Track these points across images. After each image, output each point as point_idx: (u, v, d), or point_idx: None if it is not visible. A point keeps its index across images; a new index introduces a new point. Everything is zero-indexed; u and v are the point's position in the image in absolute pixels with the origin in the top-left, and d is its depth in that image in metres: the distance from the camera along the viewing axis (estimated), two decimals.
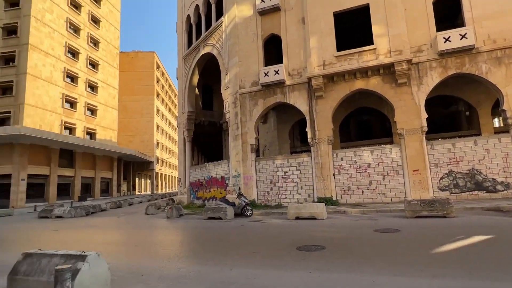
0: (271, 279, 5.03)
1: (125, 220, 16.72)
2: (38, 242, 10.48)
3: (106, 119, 47.96)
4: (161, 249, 8.14)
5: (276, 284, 4.77)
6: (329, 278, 4.98)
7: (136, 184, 61.89)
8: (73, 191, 39.20)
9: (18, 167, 31.89)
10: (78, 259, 4.52)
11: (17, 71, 34.45)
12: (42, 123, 35.82)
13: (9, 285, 4.77)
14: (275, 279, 5.02)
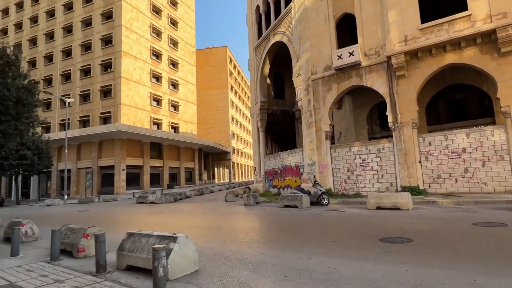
0: (352, 270, 4.81)
1: (207, 206, 18.00)
2: (137, 223, 12.00)
3: (186, 113, 51.99)
4: (240, 234, 8.51)
5: (358, 275, 4.54)
6: (419, 273, 4.53)
7: (215, 173, 66.11)
8: (162, 179, 43.80)
9: (119, 159, 36.94)
10: (170, 240, 4.99)
11: (114, 75, 39.57)
12: (135, 120, 40.62)
13: (118, 259, 5.54)
14: (357, 270, 4.78)
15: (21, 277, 5.29)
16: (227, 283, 4.54)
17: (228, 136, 66.10)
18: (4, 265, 6.32)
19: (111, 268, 5.45)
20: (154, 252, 4.01)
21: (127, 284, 4.67)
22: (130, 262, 5.32)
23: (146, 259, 5.02)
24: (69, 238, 7.01)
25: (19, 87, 12.70)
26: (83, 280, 4.92)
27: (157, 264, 3.97)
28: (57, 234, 6.56)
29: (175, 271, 4.81)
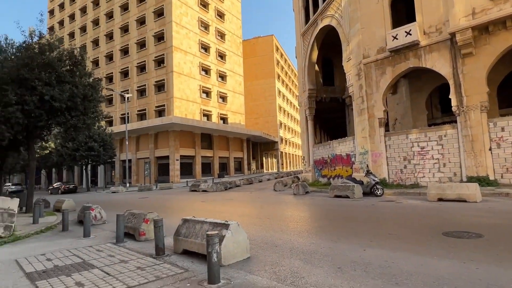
0: (413, 265, 4.47)
1: (256, 195, 18.25)
2: (191, 210, 12.59)
3: (234, 104, 52.91)
4: (290, 223, 8.45)
5: (420, 271, 4.20)
6: (492, 272, 4.05)
7: (264, 162, 66.75)
8: (213, 169, 45.44)
9: (173, 149, 39.06)
10: (222, 227, 5.11)
11: (166, 70, 41.60)
12: (187, 112, 42.43)
13: (174, 243, 5.84)
14: (418, 266, 4.44)
15: (92, 256, 5.85)
16: (279, 271, 4.53)
17: (276, 125, 66.01)
18: (79, 244, 7.06)
19: (168, 252, 5.77)
20: (207, 238, 4.12)
21: (183, 267, 4.89)
22: (185, 247, 5.58)
23: (200, 244, 5.21)
24: (131, 222, 7.59)
25: (85, 84, 13.90)
26: (144, 262, 5.28)
27: (211, 249, 4.08)
28: (121, 219, 7.13)
29: (227, 257, 4.92)
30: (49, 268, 5.16)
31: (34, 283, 4.46)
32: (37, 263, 5.53)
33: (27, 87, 12.16)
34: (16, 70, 12.09)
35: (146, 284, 4.18)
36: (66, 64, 13.75)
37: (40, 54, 12.76)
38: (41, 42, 13.61)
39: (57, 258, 5.82)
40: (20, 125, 12.35)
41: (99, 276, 4.62)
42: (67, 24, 57.15)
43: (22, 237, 8.15)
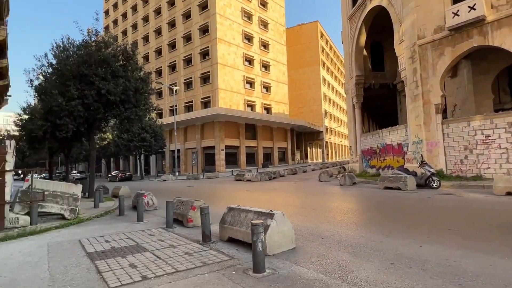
0: (478, 265, 4.00)
1: (301, 185, 18.00)
2: (235, 198, 12.79)
3: (278, 94, 52.50)
4: (337, 215, 8.15)
5: (488, 273, 3.74)
6: None
7: (308, 152, 65.75)
8: (257, 159, 45.82)
9: (218, 140, 40.06)
10: (267, 216, 5.04)
11: (211, 62, 42.47)
12: (231, 103, 43.07)
13: (220, 231, 5.92)
14: (484, 266, 3.96)
15: (145, 240, 6.17)
16: (326, 264, 4.35)
17: (321, 115, 64.35)
18: (133, 228, 7.51)
19: (214, 239, 5.88)
20: (252, 227, 4.07)
21: (228, 254, 4.93)
22: (231, 234, 5.63)
23: (245, 233, 5.20)
24: (180, 209, 7.88)
25: (137, 78, 14.66)
26: (191, 247, 5.43)
27: (256, 238, 4.03)
28: (170, 206, 7.43)
29: (272, 247, 4.85)
30: (107, 249, 5.55)
31: (94, 262, 4.80)
32: (96, 244, 5.99)
33: (86, 82, 13.16)
34: (77, 67, 13.12)
35: (193, 269, 4.27)
36: (120, 60, 14.60)
37: (97, 51, 13.68)
38: (98, 40, 14.59)
39: (114, 240, 6.24)
40: (81, 117, 13.45)
41: (150, 259, 4.84)
42: (120, 23, 60.86)
43: (84, 220, 8.91)
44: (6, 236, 6.77)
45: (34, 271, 4.52)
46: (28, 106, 22.49)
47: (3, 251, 5.74)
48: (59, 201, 8.91)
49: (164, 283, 3.82)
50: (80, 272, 4.36)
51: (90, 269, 4.50)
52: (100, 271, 4.35)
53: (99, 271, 4.37)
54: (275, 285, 3.66)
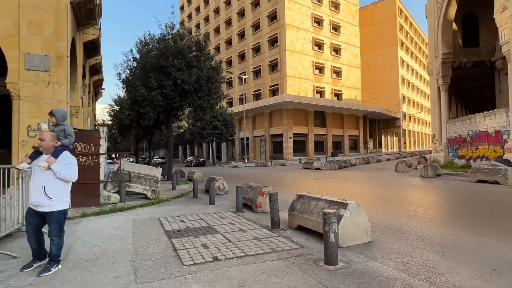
0: None
1: (375, 175, 16.82)
2: (304, 186, 12.52)
3: (349, 79, 49.73)
4: (419, 208, 7.31)
5: None
6: None
7: (382, 141, 61.37)
8: (326, 147, 44.44)
9: (286, 128, 39.89)
10: (340, 206, 4.70)
11: (279, 49, 42.10)
12: (299, 90, 42.29)
13: (289, 218, 5.77)
14: None
15: (216, 222, 6.37)
16: (408, 262, 3.87)
17: (397, 100, 59.14)
18: (206, 210, 7.86)
19: (283, 225, 5.76)
20: (324, 216, 3.81)
21: (298, 243, 4.76)
22: (300, 222, 5.43)
23: (316, 221, 4.95)
24: (249, 194, 7.96)
25: (208, 67, 15.23)
26: (260, 233, 5.40)
27: (328, 229, 3.76)
28: (240, 191, 7.55)
29: (345, 239, 4.52)
30: (182, 229, 5.87)
31: (171, 240, 5.11)
32: (173, 223, 6.39)
33: (164, 73, 14.14)
34: (156, 59, 14.17)
35: (262, 255, 4.21)
36: (193, 50, 15.33)
37: (173, 43, 14.56)
38: (174, 33, 15.51)
39: (188, 221, 6.59)
40: (160, 106, 14.58)
41: (221, 241, 4.94)
42: (194, 17, 64.20)
43: (163, 200, 9.67)
44: (101, 211, 7.70)
45: (121, 243, 5.00)
46: (118, 98, 25.33)
47: (99, 224, 6.53)
48: (142, 182, 9.82)
49: (234, 266, 3.83)
50: (158, 248, 4.67)
51: (167, 246, 4.79)
52: (175, 249, 4.58)
53: (175, 248, 4.61)
54: (349, 279, 3.36)
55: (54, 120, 4.59)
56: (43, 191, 3.72)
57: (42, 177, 3.76)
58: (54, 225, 3.80)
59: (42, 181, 3.75)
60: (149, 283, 3.39)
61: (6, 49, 7.40)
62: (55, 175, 3.81)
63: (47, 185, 3.75)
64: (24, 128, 7.46)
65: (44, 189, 3.72)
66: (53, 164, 3.76)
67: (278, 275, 3.52)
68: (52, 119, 4.59)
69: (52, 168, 3.76)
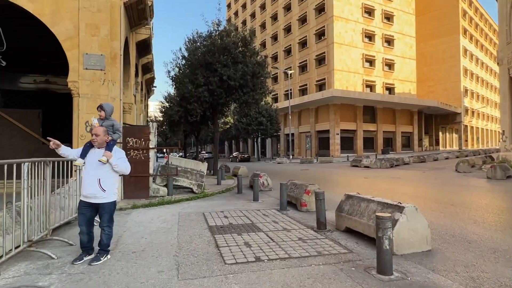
0: None
1: (432, 175, 15.46)
2: (352, 186, 11.89)
3: (403, 71, 46.53)
4: (489, 215, 6.44)
5: None
6: None
7: (440, 138, 56.65)
8: (376, 144, 42.18)
9: (333, 123, 38.59)
10: (395, 209, 4.25)
11: (327, 42, 40.74)
12: (348, 84, 40.58)
13: (336, 219, 5.41)
14: None
15: (259, 220, 6.23)
16: (478, 278, 3.34)
17: (458, 93, 54.03)
18: (249, 207, 7.78)
19: (330, 227, 5.42)
20: (378, 220, 3.43)
21: (346, 247, 4.41)
22: (348, 225, 5.06)
23: (366, 225, 4.56)
24: (293, 192, 7.70)
25: (254, 63, 15.13)
26: (305, 233, 5.13)
27: (382, 234, 3.38)
28: (284, 188, 7.33)
29: (401, 246, 4.07)
30: (225, 225, 5.82)
31: (213, 236, 5.07)
32: (217, 218, 6.39)
33: (210, 69, 14.35)
34: (203, 56, 14.43)
35: (307, 258, 3.95)
36: (239, 46, 15.33)
37: (220, 40, 14.70)
38: (220, 29, 15.67)
39: (231, 217, 6.54)
40: (207, 102, 14.85)
41: (264, 240, 4.77)
42: (240, 14, 64.82)
43: (208, 195, 9.81)
44: (150, 203, 8.01)
45: (166, 236, 5.08)
46: (168, 95, 26.49)
47: (147, 216, 6.77)
48: (189, 177, 10.06)
49: (277, 268, 3.63)
50: (201, 244, 4.64)
51: (210, 242, 4.74)
52: (218, 246, 4.52)
53: (217, 245, 4.55)
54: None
55: (102, 114, 4.74)
56: (98, 184, 3.86)
57: (97, 170, 3.91)
58: (106, 215, 3.95)
59: (97, 174, 3.90)
60: (190, 280, 3.34)
61: (67, 50, 7.99)
62: (112, 168, 3.95)
63: (102, 177, 3.90)
64: (82, 124, 8.00)
65: (99, 182, 3.87)
66: (111, 158, 3.91)
67: (325, 282, 3.24)
68: (101, 113, 4.74)
69: (110, 162, 3.90)
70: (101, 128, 4.08)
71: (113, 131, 4.59)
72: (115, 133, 4.58)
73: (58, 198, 5.47)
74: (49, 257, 4.03)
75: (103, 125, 4.29)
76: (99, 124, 4.31)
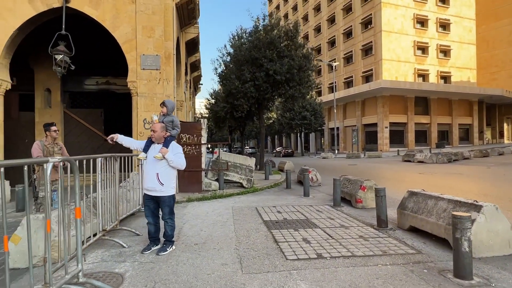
0: None
1: (498, 171, 14.02)
2: (407, 182, 11.20)
3: (461, 58, 42.70)
4: None
5: None
6: None
7: (505, 130, 51.24)
8: (430, 137, 39.36)
9: (381, 116, 36.72)
10: (470, 208, 3.89)
11: (374, 31, 38.72)
12: (397, 74, 38.27)
13: (399, 217, 5.12)
14: None
15: (314, 216, 6.11)
16: None
17: None
18: (301, 202, 7.68)
19: (391, 225, 5.14)
20: (455, 220, 3.15)
21: (413, 247, 4.14)
22: (413, 224, 4.74)
23: (436, 224, 4.23)
24: (347, 188, 7.45)
25: (300, 56, 14.87)
26: (365, 231, 4.91)
27: (460, 235, 3.10)
28: (337, 183, 7.11)
29: (479, 248, 3.72)
30: (280, 220, 5.80)
31: (270, 230, 5.07)
32: (270, 213, 6.39)
33: (256, 65, 14.40)
34: (249, 51, 14.51)
35: (372, 257, 3.78)
36: (284, 40, 15.17)
37: (265, 34, 14.66)
38: (265, 23, 15.61)
39: (285, 212, 6.51)
40: (253, 98, 14.95)
41: (323, 236, 4.67)
42: (282, 7, 64.10)
43: (258, 190, 9.88)
44: (203, 197, 8.27)
45: (224, 230, 5.19)
46: (214, 92, 27.16)
47: (202, 209, 6.99)
48: (238, 171, 10.22)
49: (341, 266, 3.52)
50: (259, 238, 4.67)
51: (267, 236, 4.75)
52: (276, 241, 4.51)
53: (276, 240, 4.54)
54: None
55: (164, 110, 4.95)
56: (157, 178, 4.05)
57: (155, 165, 4.09)
58: (166, 208, 4.13)
59: (155, 169, 4.08)
60: (254, 274, 3.36)
61: (126, 52, 8.49)
62: (168, 164, 4.11)
63: (160, 172, 4.07)
64: (141, 121, 8.48)
65: (157, 176, 4.05)
66: (167, 154, 4.07)
67: (396, 284, 3.07)
68: (163, 109, 4.95)
69: (166, 158, 4.06)
70: (159, 125, 4.25)
71: (172, 127, 4.77)
72: (174, 129, 4.76)
73: (124, 191, 5.86)
74: (120, 246, 4.33)
75: (164, 121, 4.47)
76: (159, 120, 4.50)
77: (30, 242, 2.45)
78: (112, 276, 3.37)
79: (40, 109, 11.35)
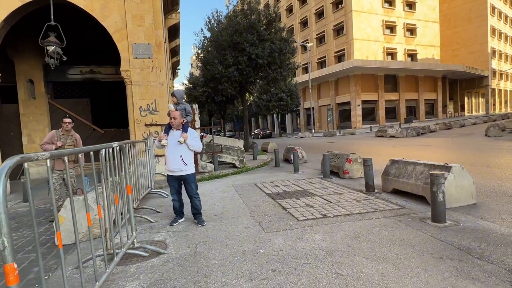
0: None
1: (461, 141, 15.60)
2: (383, 154, 12.32)
3: (426, 36, 44.81)
4: None
5: None
6: None
7: (465, 104, 54.95)
8: (399, 113, 41.59)
9: (354, 95, 38.24)
10: (442, 169, 4.79)
11: (345, 11, 39.55)
12: (368, 53, 39.68)
13: (383, 183, 6.01)
14: None
15: (309, 187, 6.91)
16: None
17: (485, 55, 51.60)
18: (293, 177, 8.46)
19: (377, 190, 6.03)
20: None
21: (398, 204, 5.02)
22: (396, 186, 5.64)
23: (415, 185, 5.13)
24: (334, 161, 8.30)
25: (280, 39, 15.33)
26: (356, 196, 5.77)
27: (436, 189, 3.96)
28: (327, 158, 7.93)
29: (449, 201, 4.63)
30: (281, 192, 6.54)
31: (275, 201, 5.80)
32: (270, 187, 7.11)
33: (238, 49, 14.72)
34: (230, 36, 14.76)
35: (367, 213, 4.61)
36: (263, 24, 15.51)
37: (245, 18, 14.93)
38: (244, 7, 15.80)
39: (283, 185, 7.26)
40: (236, 82, 15.35)
41: (322, 202, 5.46)
42: None
43: (250, 169, 10.57)
44: (202, 178, 8.83)
45: (234, 203, 5.85)
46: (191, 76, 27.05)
47: (205, 188, 7.57)
48: (230, 153, 10.82)
49: (344, 222, 4.31)
50: (269, 207, 5.38)
51: (275, 205, 5.47)
52: (284, 208, 5.24)
53: (284, 207, 5.27)
54: (462, 235, 3.58)
55: (174, 99, 5.43)
56: (181, 160, 4.58)
57: (178, 149, 4.61)
58: (192, 185, 4.71)
59: (179, 152, 4.60)
60: (275, 232, 4.07)
61: (118, 41, 8.64)
62: (188, 147, 4.64)
63: (183, 154, 4.61)
64: (137, 109, 8.77)
65: (182, 158, 4.59)
66: (187, 139, 4.60)
67: (389, 230, 3.90)
68: (173, 99, 5.43)
69: (186, 142, 4.59)
70: (177, 112, 4.74)
71: (186, 114, 5.27)
72: (187, 115, 5.26)
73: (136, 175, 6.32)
74: (148, 221, 4.88)
75: (178, 109, 4.96)
76: (175, 108, 4.99)
77: (75, 219, 2.97)
78: (155, 242, 3.95)
79: (24, 100, 11.17)
